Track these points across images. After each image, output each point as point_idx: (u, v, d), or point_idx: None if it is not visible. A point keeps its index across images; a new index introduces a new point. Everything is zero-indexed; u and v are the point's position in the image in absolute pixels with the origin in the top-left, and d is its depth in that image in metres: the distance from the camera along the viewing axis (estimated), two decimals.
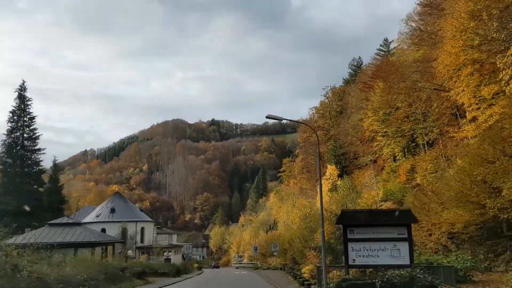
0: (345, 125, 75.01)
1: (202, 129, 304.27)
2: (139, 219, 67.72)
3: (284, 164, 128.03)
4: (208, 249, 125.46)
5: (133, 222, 65.25)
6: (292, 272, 39.09)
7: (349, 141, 74.28)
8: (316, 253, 35.60)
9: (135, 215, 68.22)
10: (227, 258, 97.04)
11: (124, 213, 66.07)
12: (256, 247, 61.70)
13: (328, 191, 70.56)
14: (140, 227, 67.22)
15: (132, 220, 65.48)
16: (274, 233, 64.44)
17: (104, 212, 66.40)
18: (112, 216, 65.47)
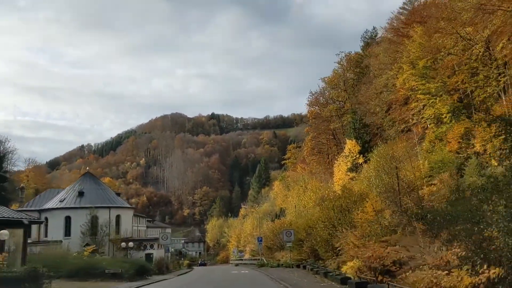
0: (366, 92, 60.62)
1: (202, 123, 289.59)
2: (114, 205, 53.18)
3: (288, 151, 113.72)
4: (205, 244, 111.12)
5: (106, 209, 50.97)
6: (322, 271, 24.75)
7: (371, 110, 60.12)
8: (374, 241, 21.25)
9: (110, 200, 53.78)
10: (225, 254, 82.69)
11: (95, 198, 51.76)
12: (260, 238, 47.25)
13: (348, 170, 56.46)
14: (115, 215, 52.69)
15: (105, 206, 51.14)
16: (283, 220, 49.95)
17: (70, 196, 51.97)
18: (79, 201, 51.15)
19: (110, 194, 55.80)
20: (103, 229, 49.49)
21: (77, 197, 51.59)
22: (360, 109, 62.65)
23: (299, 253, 39.24)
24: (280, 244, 47.56)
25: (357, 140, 59.47)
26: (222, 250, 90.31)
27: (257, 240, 46.67)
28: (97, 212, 49.63)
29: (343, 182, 54.88)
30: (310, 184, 53.67)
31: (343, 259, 26.75)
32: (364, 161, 55.72)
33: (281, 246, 47.13)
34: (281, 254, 45.66)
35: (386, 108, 58.20)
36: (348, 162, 58.16)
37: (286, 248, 40.99)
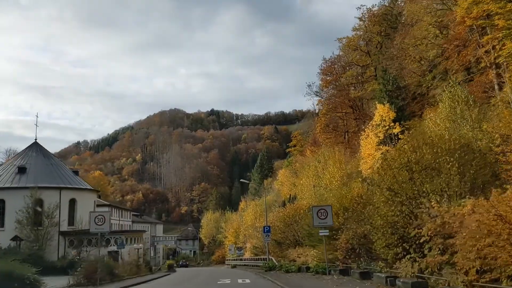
0: (401, 44, 46.31)
1: (201, 119, 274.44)
2: (67, 185, 38.46)
3: (294, 138, 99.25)
4: (200, 241, 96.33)
5: (55, 190, 36.41)
6: None
7: (407, 67, 46.25)
8: None
9: (62, 179, 39.13)
10: (222, 253, 67.95)
11: (42, 175, 37.24)
12: (267, 228, 32.06)
13: (380, 143, 42.57)
14: (69, 199, 37.98)
15: (54, 187, 36.54)
16: (298, 204, 35.38)
17: (7, 172, 37.23)
18: (19, 180, 36.52)
19: (63, 172, 41.04)
20: (50, 217, 34.79)
21: (16, 174, 37.03)
22: (392, 67, 48.32)
23: (329, 250, 24.48)
24: (294, 239, 32.90)
25: (391, 105, 45.12)
26: (218, 248, 75.46)
27: (262, 231, 31.59)
28: (42, 194, 35.01)
29: (373, 160, 40.81)
30: (332, 159, 38.95)
31: (442, 260, 12.59)
32: (401, 131, 41.58)
33: (295, 240, 32.51)
34: (296, 252, 31.02)
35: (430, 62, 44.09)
36: (379, 132, 43.81)
37: (311, 242, 26.41)
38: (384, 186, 16.62)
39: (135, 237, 42.07)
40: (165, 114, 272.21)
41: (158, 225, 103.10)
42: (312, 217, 19.32)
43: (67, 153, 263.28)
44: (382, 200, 16.74)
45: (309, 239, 27.71)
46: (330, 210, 19.84)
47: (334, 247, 23.54)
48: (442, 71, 42.33)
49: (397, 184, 16.09)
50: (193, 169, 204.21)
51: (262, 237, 34.56)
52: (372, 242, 19.02)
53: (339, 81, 58.53)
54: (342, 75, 58.58)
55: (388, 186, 16.48)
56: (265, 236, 30.50)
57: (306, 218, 29.13)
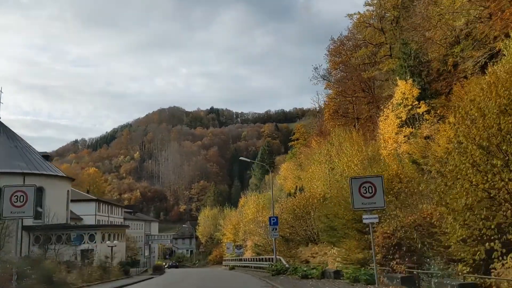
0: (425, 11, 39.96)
1: (200, 117, 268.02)
2: (33, 170, 31.95)
3: (296, 131, 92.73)
4: (197, 240, 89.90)
5: (18, 176, 29.72)
6: None
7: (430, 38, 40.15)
8: None
9: (28, 163, 32.57)
10: (219, 252, 61.40)
11: (3, 159, 30.42)
12: (274, 220, 24.94)
13: (402, 125, 36.42)
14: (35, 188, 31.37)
15: (16, 172, 29.91)
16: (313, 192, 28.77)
17: None
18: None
19: (30, 156, 34.42)
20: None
21: None
22: (413, 39, 42.02)
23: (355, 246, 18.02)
24: (306, 234, 26.41)
25: (413, 81, 38.88)
26: (215, 247, 68.90)
27: (268, 224, 24.55)
28: (1, 181, 28.44)
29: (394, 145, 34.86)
30: (348, 141, 32.49)
31: None
32: (427, 111, 35.57)
33: (308, 236, 26.01)
34: (310, 251, 24.51)
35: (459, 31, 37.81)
36: (401, 113, 37.53)
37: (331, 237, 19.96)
38: (472, 141, 10.12)
39: (115, 233, 35.54)
40: (164, 112, 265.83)
41: (153, 223, 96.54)
42: (351, 194, 12.45)
43: (65, 151, 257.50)
44: (466, 165, 10.23)
45: (328, 234, 21.32)
46: (381, 184, 12.82)
47: (365, 243, 17.11)
48: (474, 40, 35.97)
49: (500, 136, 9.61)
50: (192, 167, 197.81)
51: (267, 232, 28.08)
52: (431, 235, 12.67)
53: (350, 61, 52.10)
54: (353, 55, 52.16)
55: (480, 142, 9.98)
56: (272, 230, 23.79)
57: (323, 208, 22.66)
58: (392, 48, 50.58)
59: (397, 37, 46.57)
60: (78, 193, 63.31)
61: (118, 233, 36.00)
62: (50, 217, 30.44)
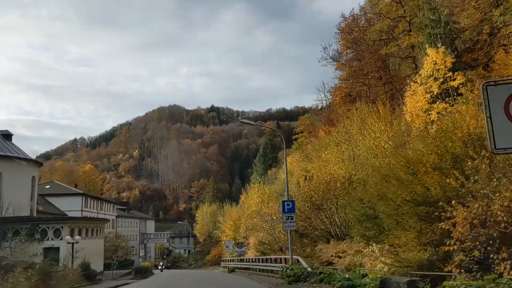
0: None
1: (201, 115, 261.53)
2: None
3: (301, 123, 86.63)
4: (195, 238, 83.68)
5: None
6: None
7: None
8: None
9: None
10: (218, 251, 55.06)
11: None
12: (290, 204, 18.10)
13: (433, 100, 30.52)
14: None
15: None
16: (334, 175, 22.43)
17: None
18: None
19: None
20: None
21: None
22: (442, 3, 36.02)
23: (418, 242, 11.57)
24: (326, 229, 20.07)
25: (446, 48, 32.80)
26: (214, 246, 62.60)
27: (283, 211, 17.27)
28: None
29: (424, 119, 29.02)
30: (373, 116, 26.30)
31: None
32: (463, 83, 29.77)
33: (329, 231, 19.70)
34: (333, 249, 18.22)
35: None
36: (432, 86, 31.58)
37: (369, 230, 13.56)
38: None
39: (90, 227, 29.33)
40: (164, 110, 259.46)
41: (149, 221, 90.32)
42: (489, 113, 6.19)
43: (64, 150, 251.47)
44: None
45: (364, 225, 15.04)
46: None
47: (432, 235, 10.88)
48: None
49: None
50: (192, 165, 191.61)
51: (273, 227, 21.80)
52: None
53: (364, 38, 46.04)
54: (368, 30, 46.08)
55: None
56: (286, 220, 16.87)
57: (353, 192, 16.43)
58: (411, 23, 44.61)
59: (421, 6, 40.49)
60: (62, 186, 57.24)
61: (94, 228, 29.79)
62: (9, 207, 24.25)
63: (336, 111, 59.13)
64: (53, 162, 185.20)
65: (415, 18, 44.74)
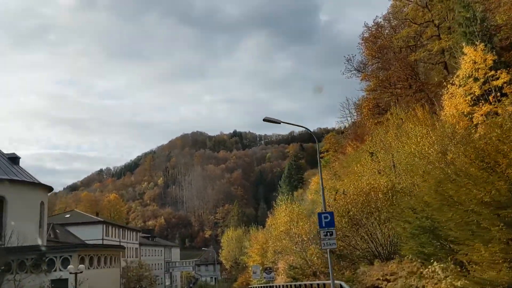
0: None
1: (224, 140, 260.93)
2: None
3: (326, 142, 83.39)
4: (221, 265, 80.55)
5: None
6: None
7: None
8: None
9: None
10: (245, 278, 51.86)
11: None
12: (328, 216, 14.60)
13: (474, 103, 27.28)
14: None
15: None
16: (376, 185, 19.44)
17: None
18: None
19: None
20: None
21: None
22: None
23: (504, 258, 8.56)
24: (369, 247, 17.10)
25: (486, 46, 29.90)
26: (241, 273, 59.33)
27: (319, 225, 13.98)
28: None
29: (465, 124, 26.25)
30: (412, 120, 23.50)
31: None
32: (508, 82, 26.91)
33: (371, 250, 16.71)
34: (380, 271, 15.22)
35: None
36: (472, 87, 28.81)
37: (429, 245, 10.66)
38: None
39: (105, 255, 26.96)
40: (187, 137, 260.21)
41: (174, 248, 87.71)
42: None
43: (90, 181, 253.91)
44: None
45: (417, 240, 12.11)
46: None
47: None
48: None
49: None
50: (216, 191, 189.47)
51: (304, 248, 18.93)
52: None
53: (391, 45, 43.50)
54: (394, 37, 43.55)
55: None
56: (325, 236, 13.52)
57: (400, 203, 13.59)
58: (440, 27, 41.93)
59: (451, 7, 37.84)
60: (83, 215, 55.60)
61: (108, 256, 27.40)
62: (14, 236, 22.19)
63: (363, 126, 56.30)
64: (79, 193, 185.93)
65: (444, 22, 42.09)
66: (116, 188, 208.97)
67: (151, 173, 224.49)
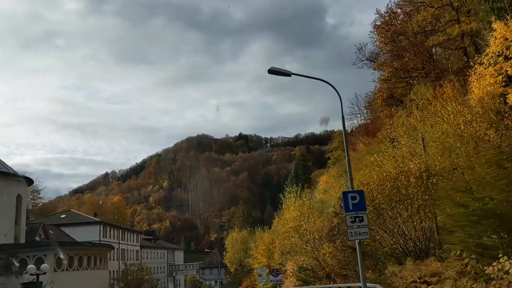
0: None
1: (229, 143, 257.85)
2: None
3: (334, 140, 80.00)
4: (225, 269, 77.25)
5: None
6: None
7: None
8: None
9: None
10: (250, 282, 48.63)
11: None
12: (357, 195, 10.73)
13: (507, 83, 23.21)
14: None
15: None
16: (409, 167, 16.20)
17: None
18: None
19: None
20: None
21: None
22: None
23: None
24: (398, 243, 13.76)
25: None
26: (246, 276, 56.01)
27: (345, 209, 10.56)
28: None
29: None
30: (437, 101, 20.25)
31: None
32: None
33: (403, 249, 13.40)
34: (421, 270, 11.90)
35: None
36: (504, 66, 25.48)
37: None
38: None
39: (89, 255, 23.75)
40: (192, 140, 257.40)
41: (178, 251, 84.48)
42: None
43: (96, 184, 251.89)
44: None
45: (473, 229, 8.80)
46: None
47: None
48: None
49: None
50: (221, 193, 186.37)
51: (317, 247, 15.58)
52: None
53: (406, 31, 40.32)
54: (409, 22, 40.36)
55: None
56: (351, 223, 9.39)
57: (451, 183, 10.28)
58: (459, 11, 38.70)
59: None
60: (79, 215, 52.69)
61: (93, 256, 24.15)
62: None
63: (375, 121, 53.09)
64: (83, 196, 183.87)
65: (462, 5, 38.86)
66: (122, 191, 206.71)
67: (157, 176, 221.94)
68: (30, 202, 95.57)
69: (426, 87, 25.35)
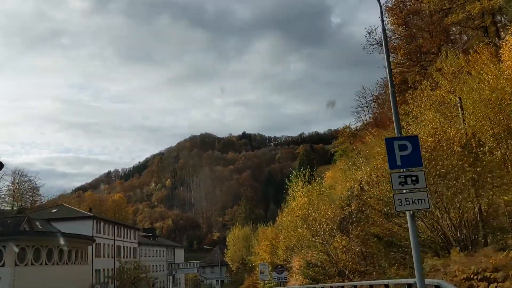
0: None
1: (232, 142, 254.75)
2: None
3: (340, 135, 76.52)
4: (227, 267, 74.05)
5: None
6: None
7: None
8: None
9: None
10: (252, 280, 45.41)
11: None
12: (406, 146, 8.08)
13: None
14: None
15: None
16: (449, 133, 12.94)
17: None
18: None
19: None
20: None
21: None
22: None
23: None
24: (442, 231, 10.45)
25: None
26: (248, 274, 52.71)
27: (389, 165, 7.05)
28: None
29: None
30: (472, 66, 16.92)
31: None
32: None
33: (446, 238, 10.11)
34: (475, 263, 8.60)
35: None
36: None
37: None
38: None
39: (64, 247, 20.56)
40: (195, 139, 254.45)
41: (178, 249, 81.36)
42: None
43: (98, 183, 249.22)
44: None
45: None
46: None
47: None
48: None
49: None
50: (224, 192, 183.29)
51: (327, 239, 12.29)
52: None
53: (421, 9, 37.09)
54: (424, 1, 37.10)
55: None
56: (400, 184, 7.19)
57: None
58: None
59: None
60: (71, 210, 49.72)
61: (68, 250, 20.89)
62: None
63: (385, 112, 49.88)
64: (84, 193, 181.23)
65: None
66: (124, 190, 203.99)
67: (159, 175, 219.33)
68: (28, 199, 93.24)
69: (456, 54, 22.05)
